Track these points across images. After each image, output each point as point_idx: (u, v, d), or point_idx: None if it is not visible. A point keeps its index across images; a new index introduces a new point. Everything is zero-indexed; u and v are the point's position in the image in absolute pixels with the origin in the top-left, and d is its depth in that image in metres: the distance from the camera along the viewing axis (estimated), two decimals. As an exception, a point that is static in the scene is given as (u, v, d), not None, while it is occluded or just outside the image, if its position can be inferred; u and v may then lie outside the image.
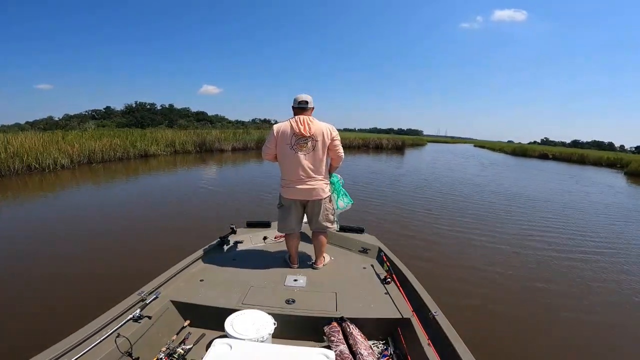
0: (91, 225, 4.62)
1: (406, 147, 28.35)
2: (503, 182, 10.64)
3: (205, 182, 8.38)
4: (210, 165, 12.06)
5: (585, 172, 17.49)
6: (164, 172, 10.21)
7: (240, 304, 1.65)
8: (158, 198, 6.56)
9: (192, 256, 2.12)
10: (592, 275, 3.56)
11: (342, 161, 2.14)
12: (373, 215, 5.16)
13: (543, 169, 17.38)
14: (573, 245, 4.56)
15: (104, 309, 1.44)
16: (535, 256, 4.02)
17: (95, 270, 3.13)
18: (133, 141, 12.90)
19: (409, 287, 1.84)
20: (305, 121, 1.94)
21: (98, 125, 33.13)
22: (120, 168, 10.36)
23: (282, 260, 2.25)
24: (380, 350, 1.50)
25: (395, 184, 9.22)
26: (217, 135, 17.81)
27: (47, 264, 3.26)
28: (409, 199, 7.03)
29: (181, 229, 4.47)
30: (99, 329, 1.33)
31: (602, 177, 15.29)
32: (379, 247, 2.41)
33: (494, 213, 6.17)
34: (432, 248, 4.11)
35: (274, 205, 2.29)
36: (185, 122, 41.82)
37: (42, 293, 2.74)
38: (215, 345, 1.09)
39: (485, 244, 4.36)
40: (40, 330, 2.21)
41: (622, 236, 5.19)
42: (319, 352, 1.04)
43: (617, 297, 3.11)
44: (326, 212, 2.12)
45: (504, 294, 3.07)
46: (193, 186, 7.81)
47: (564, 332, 2.53)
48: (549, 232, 5.13)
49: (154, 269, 1.90)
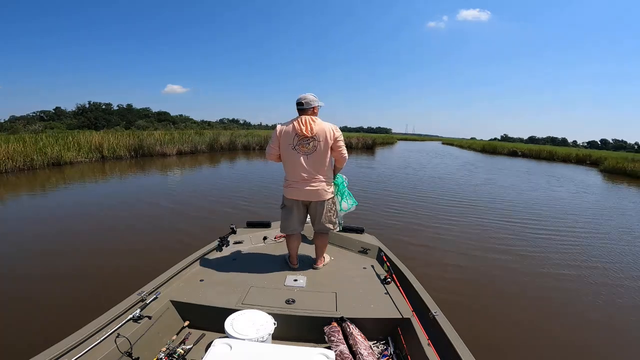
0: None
1: (376, 146, 26.88)
2: (508, 192, 8.77)
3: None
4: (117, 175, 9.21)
5: (562, 170, 16.87)
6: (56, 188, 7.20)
7: (240, 304, 1.65)
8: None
9: (192, 256, 2.12)
10: (596, 278, 3.55)
11: (346, 162, 2.10)
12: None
13: (529, 170, 16.06)
14: (579, 247, 4.56)
15: (104, 309, 1.44)
16: (537, 257, 4.03)
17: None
18: (42, 147, 10.22)
19: (409, 287, 1.84)
20: (307, 121, 1.93)
21: (46, 127, 30.74)
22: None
23: (282, 261, 2.25)
24: (380, 350, 1.50)
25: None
26: (159, 137, 14.92)
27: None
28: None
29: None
30: (99, 329, 1.33)
31: (585, 176, 14.53)
32: (378, 247, 2.41)
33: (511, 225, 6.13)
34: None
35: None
36: (145, 123, 39.76)
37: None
38: (215, 345, 1.09)
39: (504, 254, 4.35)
40: (40, 330, 2.21)
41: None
42: (319, 352, 1.04)
43: (623, 300, 3.10)
44: (329, 213, 2.11)
45: (504, 294, 3.07)
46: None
47: (564, 332, 2.52)
48: (554, 236, 5.13)
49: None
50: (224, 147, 17.79)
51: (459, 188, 8.94)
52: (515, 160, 22.79)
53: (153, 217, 5.09)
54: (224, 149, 17.75)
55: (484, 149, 32.81)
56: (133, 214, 5.27)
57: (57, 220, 4.81)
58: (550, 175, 14.00)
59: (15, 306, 2.54)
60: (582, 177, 14.20)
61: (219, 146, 17.46)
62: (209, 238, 2.51)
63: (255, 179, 9.12)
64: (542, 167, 17.97)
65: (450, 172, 12.80)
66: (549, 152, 25.61)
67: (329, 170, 2.06)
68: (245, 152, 18.11)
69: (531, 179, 12.13)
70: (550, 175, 13.69)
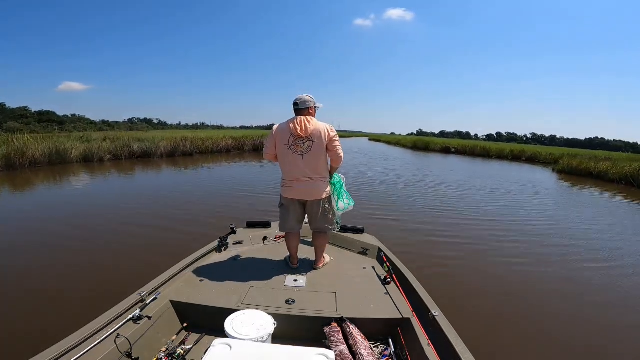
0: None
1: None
2: (476, 195, 7.93)
3: None
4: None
5: (512, 171, 15.02)
6: None
7: (240, 304, 1.65)
8: None
9: (191, 256, 2.12)
10: (597, 280, 3.55)
11: (342, 162, 2.11)
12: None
13: (484, 173, 13.85)
14: (580, 247, 4.56)
15: (104, 310, 1.44)
16: (538, 256, 4.02)
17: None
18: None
19: (409, 288, 1.85)
20: (302, 122, 1.94)
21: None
22: None
23: (282, 261, 2.25)
24: (380, 350, 1.50)
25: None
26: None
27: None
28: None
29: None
30: (99, 330, 1.33)
31: (545, 177, 13.17)
32: (378, 248, 2.41)
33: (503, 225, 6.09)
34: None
35: None
36: (19, 125, 33.21)
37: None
38: (215, 345, 1.09)
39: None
40: (40, 330, 2.21)
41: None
42: (318, 353, 1.04)
43: (621, 300, 3.10)
44: (325, 212, 2.12)
45: (504, 294, 3.07)
46: None
47: (564, 332, 2.52)
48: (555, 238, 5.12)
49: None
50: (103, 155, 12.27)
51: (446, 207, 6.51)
52: (451, 158, 21.93)
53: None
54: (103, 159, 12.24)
55: (415, 145, 31.51)
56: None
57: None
58: (507, 180, 11.45)
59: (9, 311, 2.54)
60: (544, 180, 12.28)
61: (96, 156, 12.01)
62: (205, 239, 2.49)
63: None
64: (486, 168, 16.15)
65: (415, 183, 9.49)
66: (482, 149, 24.93)
67: (324, 169, 2.06)
68: (116, 163, 12.17)
69: (502, 188, 9.41)
70: (508, 181, 11.08)
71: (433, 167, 15.80)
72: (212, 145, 17.41)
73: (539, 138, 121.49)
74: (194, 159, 14.52)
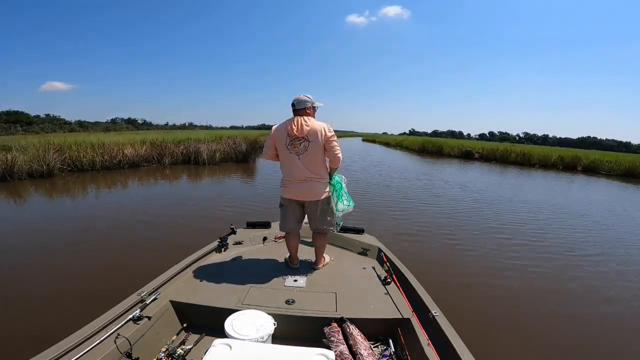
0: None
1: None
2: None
3: None
4: None
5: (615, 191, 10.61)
6: None
7: (240, 305, 1.64)
8: None
9: (191, 257, 2.12)
10: (597, 281, 3.55)
11: (341, 162, 2.08)
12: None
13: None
14: (581, 247, 4.55)
15: (104, 310, 1.44)
16: (538, 257, 4.02)
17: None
18: None
19: (409, 288, 1.84)
20: (299, 122, 1.93)
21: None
22: None
23: (282, 261, 2.25)
24: (380, 350, 1.50)
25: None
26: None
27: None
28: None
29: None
30: (99, 330, 1.33)
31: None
32: (378, 248, 2.41)
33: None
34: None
35: None
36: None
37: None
38: (215, 345, 1.09)
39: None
40: (40, 330, 2.21)
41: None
42: (318, 353, 1.04)
43: (621, 301, 3.10)
44: (324, 213, 2.11)
45: (504, 295, 3.07)
46: None
47: (564, 332, 2.52)
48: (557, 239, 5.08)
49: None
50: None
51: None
52: (475, 166, 15.52)
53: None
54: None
55: (423, 148, 23.50)
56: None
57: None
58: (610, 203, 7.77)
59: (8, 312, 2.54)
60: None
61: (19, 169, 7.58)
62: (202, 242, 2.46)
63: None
64: (552, 184, 10.90)
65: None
66: (520, 155, 16.75)
67: (323, 170, 2.05)
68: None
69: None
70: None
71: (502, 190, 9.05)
72: (101, 156, 9.65)
73: (531, 137, 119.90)
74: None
